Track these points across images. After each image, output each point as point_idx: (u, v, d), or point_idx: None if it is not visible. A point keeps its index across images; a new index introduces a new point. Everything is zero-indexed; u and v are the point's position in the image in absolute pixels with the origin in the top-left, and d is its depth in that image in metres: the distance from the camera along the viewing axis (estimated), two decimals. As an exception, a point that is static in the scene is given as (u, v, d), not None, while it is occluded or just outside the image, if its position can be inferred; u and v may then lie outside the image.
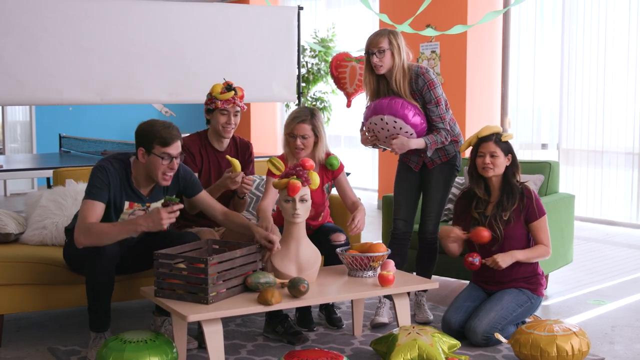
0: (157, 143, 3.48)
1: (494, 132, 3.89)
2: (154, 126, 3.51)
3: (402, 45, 4.01)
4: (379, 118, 3.95)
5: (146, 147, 3.50)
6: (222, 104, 3.99)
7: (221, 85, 4.04)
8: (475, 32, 7.75)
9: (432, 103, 4.02)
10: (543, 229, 3.88)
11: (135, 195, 3.61)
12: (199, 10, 6.96)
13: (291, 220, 3.52)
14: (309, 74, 9.69)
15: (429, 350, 3.31)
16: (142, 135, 3.52)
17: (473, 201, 3.95)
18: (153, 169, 3.52)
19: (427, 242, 4.23)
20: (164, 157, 3.49)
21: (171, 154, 3.50)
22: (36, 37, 6.22)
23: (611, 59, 7.29)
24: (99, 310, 3.54)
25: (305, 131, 3.99)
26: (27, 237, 4.19)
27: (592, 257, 6.03)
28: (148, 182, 3.63)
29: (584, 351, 3.39)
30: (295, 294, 3.31)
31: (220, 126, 4.04)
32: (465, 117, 7.94)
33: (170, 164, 3.52)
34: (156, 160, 3.50)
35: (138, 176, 3.60)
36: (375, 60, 3.96)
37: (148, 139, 3.49)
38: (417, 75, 4.01)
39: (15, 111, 11.18)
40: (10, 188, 10.66)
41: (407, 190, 4.22)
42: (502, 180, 3.89)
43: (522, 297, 3.83)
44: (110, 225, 3.45)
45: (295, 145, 4.01)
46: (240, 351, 3.69)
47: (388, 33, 4.02)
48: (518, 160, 3.94)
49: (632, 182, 7.24)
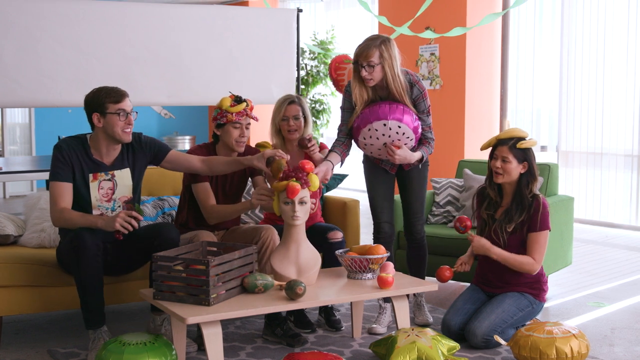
0: (109, 102, 3.60)
1: (514, 137, 3.79)
2: (100, 90, 3.65)
3: (394, 55, 3.85)
4: (382, 123, 3.85)
5: (100, 110, 3.61)
6: (236, 116, 3.87)
7: (229, 98, 3.90)
8: (475, 34, 7.76)
9: (424, 113, 3.99)
10: (539, 243, 3.77)
11: (97, 166, 3.68)
12: (198, 12, 6.96)
13: (290, 223, 3.52)
14: (308, 76, 9.69)
15: (428, 353, 3.30)
16: (92, 101, 3.64)
17: (485, 201, 3.94)
18: (112, 129, 3.61)
19: (417, 242, 4.22)
20: (120, 114, 3.59)
21: (125, 109, 3.62)
22: (35, 38, 6.22)
23: (610, 60, 7.30)
24: (90, 307, 3.55)
25: (297, 111, 4.18)
26: (26, 239, 4.19)
27: (592, 260, 6.02)
28: (110, 150, 3.69)
29: (583, 353, 3.39)
30: (292, 296, 3.30)
31: (233, 141, 3.90)
32: (465, 119, 7.94)
33: (127, 120, 3.62)
34: (113, 119, 3.60)
35: (98, 146, 3.68)
36: (365, 73, 3.84)
37: (99, 102, 3.61)
38: (412, 85, 3.95)
39: (15, 113, 11.18)
40: (9, 190, 10.66)
41: (386, 193, 4.17)
42: (515, 188, 3.83)
43: (523, 302, 3.82)
44: (78, 216, 3.55)
45: (289, 127, 4.15)
46: (239, 353, 3.69)
47: (380, 44, 3.82)
48: (537, 171, 3.82)
49: (631, 184, 7.24)
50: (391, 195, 4.20)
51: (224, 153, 3.98)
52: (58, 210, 3.58)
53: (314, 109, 9.71)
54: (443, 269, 3.86)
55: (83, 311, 3.57)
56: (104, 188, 3.68)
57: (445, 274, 3.85)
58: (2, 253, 3.87)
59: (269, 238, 3.83)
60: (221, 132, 3.94)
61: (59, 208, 3.57)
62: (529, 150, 3.81)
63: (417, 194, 4.14)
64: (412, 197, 4.15)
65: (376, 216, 4.17)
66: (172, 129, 12.22)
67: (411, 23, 7.17)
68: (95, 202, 3.67)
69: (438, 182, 5.11)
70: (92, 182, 3.66)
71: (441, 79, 8.08)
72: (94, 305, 3.55)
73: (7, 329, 4.09)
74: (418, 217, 4.18)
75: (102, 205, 3.68)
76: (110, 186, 3.69)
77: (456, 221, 3.85)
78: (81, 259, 3.47)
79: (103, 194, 3.68)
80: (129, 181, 3.75)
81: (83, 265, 3.48)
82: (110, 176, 3.70)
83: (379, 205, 4.16)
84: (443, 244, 4.65)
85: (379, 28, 8.67)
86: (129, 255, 3.74)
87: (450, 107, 8.01)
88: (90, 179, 3.65)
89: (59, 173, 3.60)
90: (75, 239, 3.47)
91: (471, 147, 7.79)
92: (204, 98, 6.91)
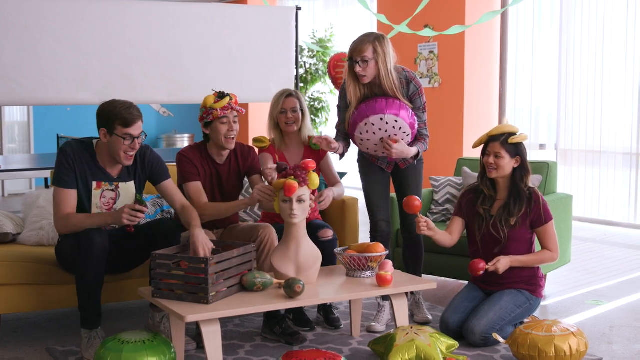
0: (118, 124, 3.52)
1: (505, 132, 3.83)
2: (115, 107, 3.55)
3: (388, 52, 3.86)
4: (378, 118, 3.85)
5: (108, 128, 3.54)
6: (221, 111, 3.85)
7: (212, 95, 3.89)
8: (473, 32, 7.76)
9: (420, 109, 4.00)
10: (549, 234, 3.85)
11: (103, 174, 3.65)
12: (197, 11, 6.96)
13: (288, 221, 3.52)
14: (307, 74, 9.70)
15: (427, 351, 3.31)
16: (103, 116, 3.56)
17: (480, 197, 3.94)
18: (115, 149, 3.57)
19: (413, 240, 4.21)
20: (125, 138, 3.54)
21: (132, 134, 3.55)
22: (34, 37, 6.22)
23: (609, 59, 7.30)
24: (90, 307, 3.55)
25: (294, 104, 4.18)
26: (25, 237, 4.19)
27: (590, 258, 6.03)
28: (113, 163, 3.66)
29: (582, 351, 3.39)
30: (291, 294, 3.30)
31: (222, 137, 3.87)
32: (463, 117, 7.95)
33: (131, 144, 3.56)
34: (118, 141, 3.54)
35: (103, 156, 3.65)
36: (359, 69, 3.84)
37: (110, 120, 3.53)
38: (408, 81, 3.96)
39: (13, 112, 11.18)
40: (8, 188, 10.66)
41: (382, 191, 4.17)
42: (510, 183, 3.86)
43: (521, 298, 3.83)
44: (85, 217, 3.54)
45: (286, 119, 4.17)
46: (238, 352, 3.69)
47: (373, 40, 3.84)
48: (529, 164, 3.86)
49: (630, 182, 7.24)
50: (387, 193, 4.20)
51: (215, 152, 3.96)
52: (63, 217, 3.55)
53: (312, 107, 9.72)
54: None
55: (82, 311, 3.57)
56: (106, 197, 3.66)
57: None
58: (1, 251, 3.87)
59: (266, 237, 3.83)
60: (210, 131, 3.91)
61: (64, 215, 3.54)
62: (520, 145, 3.85)
63: (413, 192, 4.14)
64: (409, 194, 4.14)
65: (372, 214, 4.17)
66: (170, 127, 12.22)
67: (410, 21, 7.17)
68: (94, 210, 3.65)
69: (437, 181, 5.11)
70: (95, 190, 3.63)
71: (440, 77, 8.08)
72: (93, 306, 3.55)
73: (5, 327, 4.09)
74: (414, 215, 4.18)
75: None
76: (112, 196, 3.67)
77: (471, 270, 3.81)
78: (87, 258, 3.46)
79: (105, 202, 3.66)
80: (132, 194, 3.73)
81: (88, 265, 3.46)
82: (114, 187, 3.68)
83: (375, 204, 4.16)
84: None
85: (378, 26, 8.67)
86: (131, 252, 3.73)
87: (449, 105, 8.01)
88: (94, 186, 3.63)
89: (64, 180, 3.56)
90: (83, 238, 3.46)
91: (470, 145, 7.79)
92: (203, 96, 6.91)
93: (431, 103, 8.17)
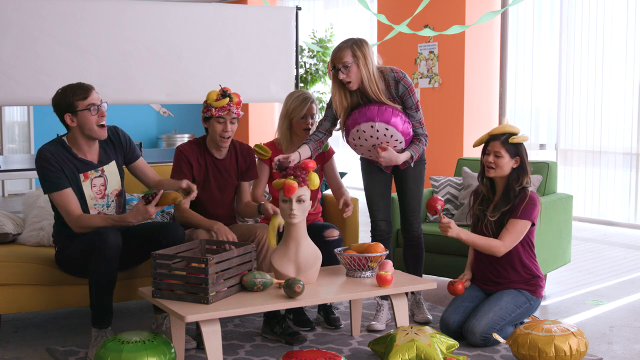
0: (77, 100, 3.56)
1: (506, 132, 3.83)
2: (65, 90, 3.60)
3: (367, 54, 3.85)
4: (369, 125, 3.84)
5: (70, 110, 3.57)
6: (217, 111, 3.87)
7: (217, 92, 3.90)
8: (473, 32, 7.76)
9: (412, 109, 3.98)
10: (514, 229, 3.78)
11: (85, 165, 3.65)
12: (197, 11, 6.96)
13: (288, 221, 3.53)
14: (307, 74, 9.70)
15: (427, 351, 3.30)
16: (61, 102, 3.59)
17: (479, 197, 3.95)
18: (87, 126, 3.58)
19: (414, 240, 4.22)
20: (91, 108, 3.56)
21: (95, 102, 3.58)
22: (33, 37, 6.22)
23: (609, 59, 7.30)
24: (103, 306, 3.54)
25: (315, 110, 4.22)
26: (25, 237, 4.19)
27: (590, 258, 6.03)
28: (91, 146, 3.67)
29: (582, 351, 3.39)
30: (290, 294, 3.30)
31: (217, 135, 3.92)
32: (464, 117, 7.95)
33: (99, 113, 3.59)
34: (86, 115, 3.56)
35: (79, 145, 3.65)
36: (342, 76, 3.84)
37: (68, 101, 3.57)
38: (397, 82, 3.93)
39: (13, 112, 11.18)
40: (8, 188, 10.66)
41: (382, 191, 4.17)
42: (505, 183, 3.86)
43: (521, 298, 3.83)
44: (100, 219, 3.55)
45: (306, 125, 4.17)
46: (238, 352, 3.69)
47: (351, 45, 3.83)
48: (528, 166, 3.85)
49: (630, 182, 7.24)
50: (388, 193, 4.20)
51: (212, 147, 4.02)
52: (74, 219, 3.55)
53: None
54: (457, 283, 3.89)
55: (94, 310, 3.56)
56: (97, 185, 3.68)
57: (458, 287, 3.88)
58: (1, 251, 3.87)
59: (264, 237, 3.83)
60: (208, 126, 3.97)
61: (75, 217, 3.55)
62: (520, 145, 3.85)
63: (413, 192, 4.14)
64: (409, 195, 4.15)
65: (373, 214, 4.18)
66: (170, 127, 12.22)
67: (410, 21, 7.17)
68: (90, 202, 3.66)
69: (437, 180, 5.11)
70: (84, 181, 3.64)
71: (440, 77, 8.09)
72: (106, 305, 3.55)
73: (5, 327, 4.09)
74: (415, 215, 4.18)
75: (98, 204, 3.68)
76: (102, 182, 3.69)
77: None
78: (102, 258, 3.45)
79: (96, 191, 3.68)
80: (117, 174, 3.76)
81: (103, 264, 3.46)
82: (100, 172, 3.69)
83: (375, 204, 4.16)
84: (441, 243, 4.65)
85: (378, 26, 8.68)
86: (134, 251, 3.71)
87: (449, 106, 8.01)
88: (82, 178, 3.64)
89: (57, 183, 3.56)
90: (98, 239, 3.45)
91: (470, 145, 7.80)
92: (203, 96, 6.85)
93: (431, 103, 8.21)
